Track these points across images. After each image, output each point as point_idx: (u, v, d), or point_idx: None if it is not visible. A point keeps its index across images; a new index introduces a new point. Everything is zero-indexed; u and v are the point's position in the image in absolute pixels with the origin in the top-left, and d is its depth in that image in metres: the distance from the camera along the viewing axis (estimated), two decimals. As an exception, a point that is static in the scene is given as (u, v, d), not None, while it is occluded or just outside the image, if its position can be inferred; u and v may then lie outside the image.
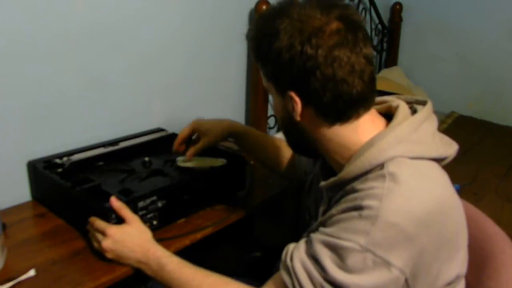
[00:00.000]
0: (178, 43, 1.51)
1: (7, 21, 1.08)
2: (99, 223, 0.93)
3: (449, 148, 0.77)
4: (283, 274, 0.71)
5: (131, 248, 0.89)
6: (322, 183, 0.79)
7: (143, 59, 1.42)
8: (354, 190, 0.70)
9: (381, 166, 0.69)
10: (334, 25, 0.69)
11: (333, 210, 0.71)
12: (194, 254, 0.95)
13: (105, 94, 1.34)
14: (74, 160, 1.20)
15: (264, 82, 0.81)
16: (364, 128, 0.74)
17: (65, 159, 1.19)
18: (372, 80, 0.73)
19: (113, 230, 0.91)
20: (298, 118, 0.75)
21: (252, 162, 1.28)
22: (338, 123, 0.74)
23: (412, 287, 0.66)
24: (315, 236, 0.70)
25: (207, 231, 1.08)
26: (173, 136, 1.43)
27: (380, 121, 0.77)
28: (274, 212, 1.39)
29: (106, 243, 0.90)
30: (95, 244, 0.94)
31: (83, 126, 1.30)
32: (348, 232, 0.65)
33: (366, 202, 0.65)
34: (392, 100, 0.80)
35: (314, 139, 0.78)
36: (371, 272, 0.64)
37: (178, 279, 0.82)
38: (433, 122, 0.77)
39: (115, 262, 0.92)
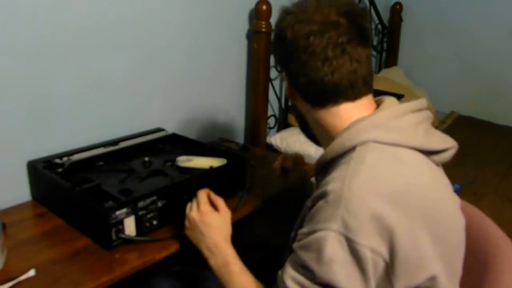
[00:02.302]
0: (178, 43, 1.51)
1: (7, 22, 1.08)
2: (202, 196, 0.96)
3: (440, 142, 0.76)
4: None
5: (209, 234, 0.91)
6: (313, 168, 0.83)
7: (143, 59, 1.42)
8: (326, 177, 0.72)
9: (354, 149, 0.71)
10: (331, 17, 0.74)
11: (309, 203, 0.73)
12: (195, 254, 0.95)
13: (105, 94, 1.34)
14: (74, 160, 1.20)
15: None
16: (347, 114, 0.76)
17: (65, 159, 1.19)
18: (354, 74, 0.75)
19: (206, 209, 0.93)
20: (289, 97, 0.83)
21: (252, 162, 1.28)
22: (317, 107, 0.78)
23: (392, 273, 0.64)
24: (295, 246, 0.71)
25: (207, 231, 1.08)
26: (173, 136, 1.43)
27: (367, 112, 0.77)
28: (274, 212, 1.39)
29: (194, 215, 0.93)
30: (187, 209, 0.96)
31: (83, 126, 1.30)
32: (320, 222, 0.66)
33: (330, 187, 0.67)
34: (385, 98, 0.82)
35: (308, 122, 0.83)
36: (348, 259, 0.63)
37: (234, 282, 0.84)
38: (421, 115, 0.77)
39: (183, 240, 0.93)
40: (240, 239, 1.39)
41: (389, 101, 0.79)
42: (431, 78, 2.67)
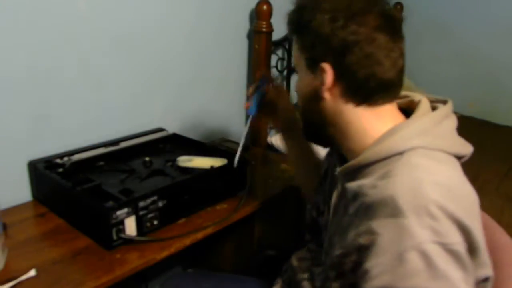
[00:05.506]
0: (178, 43, 1.51)
1: (8, 22, 1.08)
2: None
3: (465, 147, 0.77)
4: None
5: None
6: (338, 170, 0.78)
7: (143, 59, 1.42)
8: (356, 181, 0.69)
9: (401, 154, 0.69)
10: (378, 10, 0.72)
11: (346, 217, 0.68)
12: (195, 254, 0.95)
13: (105, 94, 1.34)
14: (74, 160, 1.20)
15: (295, 59, 0.80)
16: (386, 116, 0.75)
17: (65, 159, 1.19)
18: (402, 73, 0.75)
19: None
20: (326, 94, 0.75)
21: (252, 162, 1.28)
22: (363, 105, 0.74)
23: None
24: (377, 285, 0.62)
25: (208, 231, 1.09)
26: (174, 136, 1.43)
27: (400, 115, 0.77)
28: (274, 212, 1.39)
29: None
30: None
31: (84, 126, 1.30)
32: (404, 241, 0.61)
33: (395, 201, 0.63)
34: (414, 95, 0.81)
35: (333, 122, 0.77)
36: (456, 264, 0.60)
37: None
38: (454, 120, 0.77)
39: None
40: (241, 239, 1.40)
41: (425, 105, 0.77)
42: (431, 78, 2.66)
